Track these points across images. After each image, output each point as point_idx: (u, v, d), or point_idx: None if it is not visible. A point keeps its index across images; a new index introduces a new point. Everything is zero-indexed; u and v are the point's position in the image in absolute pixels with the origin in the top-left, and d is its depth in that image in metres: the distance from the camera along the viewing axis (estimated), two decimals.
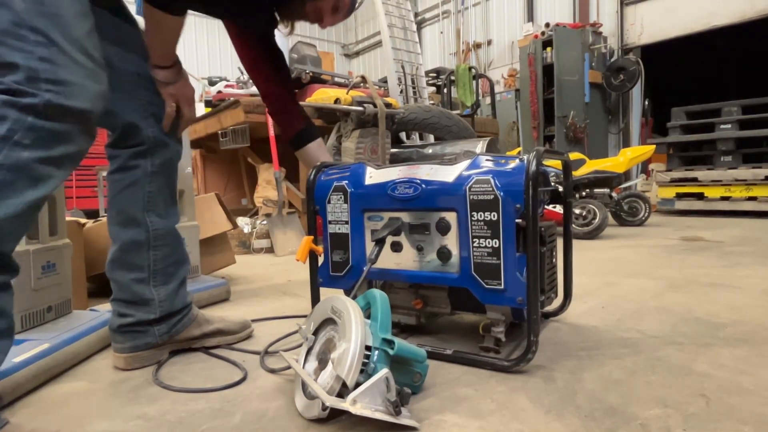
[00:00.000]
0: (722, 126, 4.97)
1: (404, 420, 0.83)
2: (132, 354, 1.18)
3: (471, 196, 1.08)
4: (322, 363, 0.93)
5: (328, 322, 0.99)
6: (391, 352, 0.89)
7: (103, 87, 0.89)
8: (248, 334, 1.39)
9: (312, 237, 1.27)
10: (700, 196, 5.03)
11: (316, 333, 1.02)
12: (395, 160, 2.83)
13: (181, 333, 1.25)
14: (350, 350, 0.84)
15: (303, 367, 0.97)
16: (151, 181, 1.16)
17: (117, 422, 0.92)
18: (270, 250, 3.32)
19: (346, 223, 1.27)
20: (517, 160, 1.07)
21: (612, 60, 6.94)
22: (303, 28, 11.00)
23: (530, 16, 8.02)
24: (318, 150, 1.46)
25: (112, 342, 1.20)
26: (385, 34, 4.27)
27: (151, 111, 1.16)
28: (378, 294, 1.01)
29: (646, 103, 6.77)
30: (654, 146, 4.35)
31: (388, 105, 2.70)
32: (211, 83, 5.05)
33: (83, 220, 2.08)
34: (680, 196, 5.21)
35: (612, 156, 6.10)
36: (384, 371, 0.84)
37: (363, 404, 0.82)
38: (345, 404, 0.81)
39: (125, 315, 1.17)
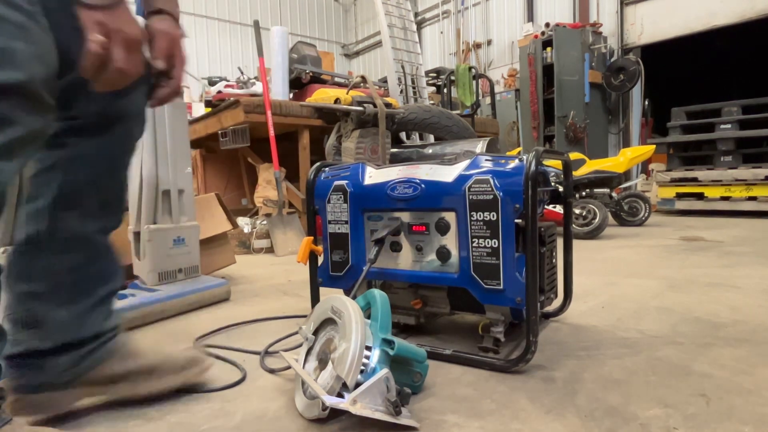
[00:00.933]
0: (722, 126, 4.97)
1: (404, 420, 0.83)
2: (20, 396, 0.86)
3: (470, 196, 1.08)
4: (323, 363, 0.93)
5: (328, 322, 0.99)
6: (391, 352, 0.89)
7: (41, 44, 0.67)
8: (195, 375, 1.00)
9: (312, 237, 1.27)
10: (700, 196, 5.03)
11: (316, 333, 1.01)
12: (395, 160, 2.83)
13: (96, 369, 0.92)
14: (350, 350, 0.84)
15: (303, 367, 0.97)
16: (79, 168, 0.88)
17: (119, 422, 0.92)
18: (270, 250, 3.32)
19: (346, 223, 1.27)
20: (517, 160, 1.07)
21: (612, 60, 6.93)
22: (303, 28, 11.02)
23: (530, 16, 8.02)
24: None
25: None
26: (385, 34, 4.27)
27: None
28: (378, 294, 1.00)
29: (646, 103, 6.77)
30: (654, 146, 4.35)
31: (388, 105, 2.70)
32: (211, 83, 5.05)
33: None
34: (680, 196, 5.21)
35: (612, 156, 6.10)
36: (384, 371, 0.84)
37: (363, 404, 0.82)
38: (345, 404, 0.81)
39: (17, 342, 0.87)
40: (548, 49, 6.76)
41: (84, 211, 0.90)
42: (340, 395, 0.84)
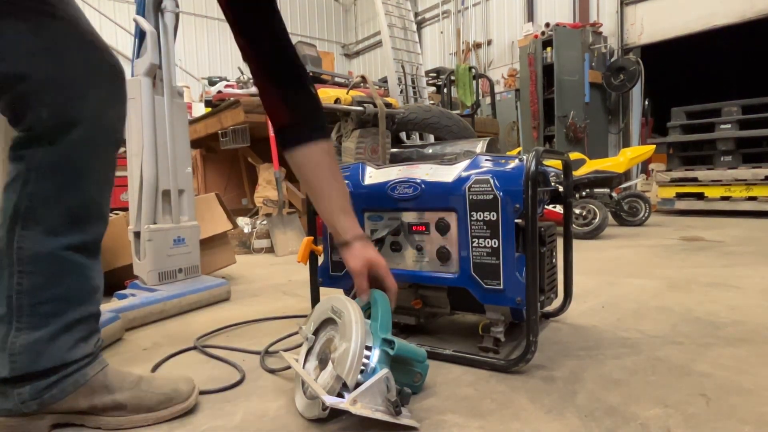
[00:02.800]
0: (722, 126, 4.97)
1: (404, 420, 0.83)
2: None
3: (470, 196, 1.08)
4: (323, 363, 0.92)
5: (329, 322, 0.98)
6: (391, 352, 0.89)
7: None
8: (172, 414, 0.92)
9: (312, 237, 1.27)
10: (700, 196, 5.03)
11: (316, 333, 1.01)
12: (395, 160, 2.83)
13: (61, 402, 0.85)
14: (350, 350, 0.84)
15: (303, 367, 0.97)
16: (37, 181, 0.81)
17: None
18: (270, 250, 3.33)
19: None
20: (517, 160, 1.07)
21: (612, 60, 6.94)
22: (303, 27, 11.02)
23: (530, 16, 8.02)
24: (313, 159, 1.06)
25: None
26: (385, 34, 4.27)
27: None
28: (378, 294, 1.00)
29: (646, 103, 6.77)
30: (654, 146, 4.35)
31: (388, 105, 2.70)
32: (211, 83, 5.05)
33: None
34: (680, 196, 5.21)
35: (612, 156, 6.10)
36: (384, 371, 0.84)
37: (363, 404, 0.81)
38: (345, 404, 0.80)
39: None
40: (548, 49, 6.76)
41: (47, 228, 0.83)
42: (340, 395, 0.83)
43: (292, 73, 1.06)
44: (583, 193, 3.91)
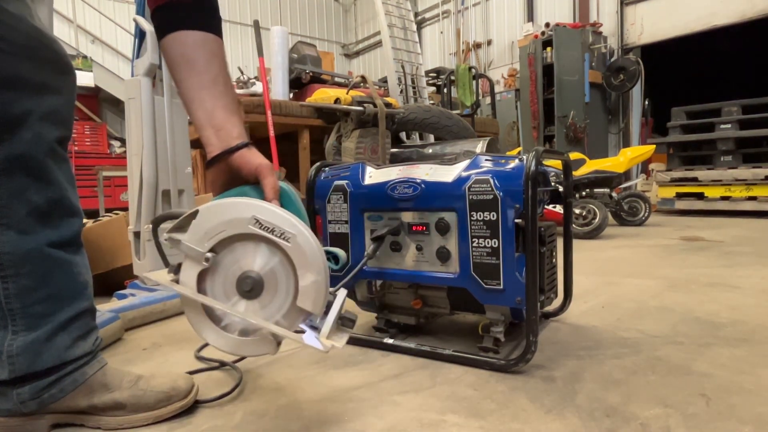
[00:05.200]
0: (722, 126, 4.97)
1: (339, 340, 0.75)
2: None
3: (470, 196, 1.08)
4: (250, 294, 0.75)
5: (243, 238, 0.75)
6: (335, 266, 0.81)
7: None
8: (171, 412, 0.91)
9: None
10: (700, 196, 5.03)
11: (215, 251, 0.76)
12: (395, 160, 2.83)
13: (60, 401, 0.86)
14: (321, 283, 0.73)
15: (201, 293, 0.78)
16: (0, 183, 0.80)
17: None
18: None
19: (346, 222, 1.27)
20: (517, 160, 1.07)
21: (612, 60, 6.94)
22: (303, 27, 11.02)
23: (530, 16, 8.02)
24: (208, 47, 0.86)
25: None
26: (385, 34, 4.27)
27: None
28: (287, 188, 0.83)
29: (646, 103, 6.77)
30: (654, 146, 4.36)
31: (388, 105, 2.70)
32: None
33: (83, 220, 2.08)
34: (680, 195, 5.21)
35: (612, 156, 6.10)
36: (342, 294, 0.77)
37: (336, 338, 0.75)
38: (337, 344, 0.73)
39: None
40: (548, 49, 6.76)
41: (20, 229, 0.81)
42: (298, 330, 0.75)
43: None
44: (583, 193, 3.91)
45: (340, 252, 0.83)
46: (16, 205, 0.81)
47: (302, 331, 0.74)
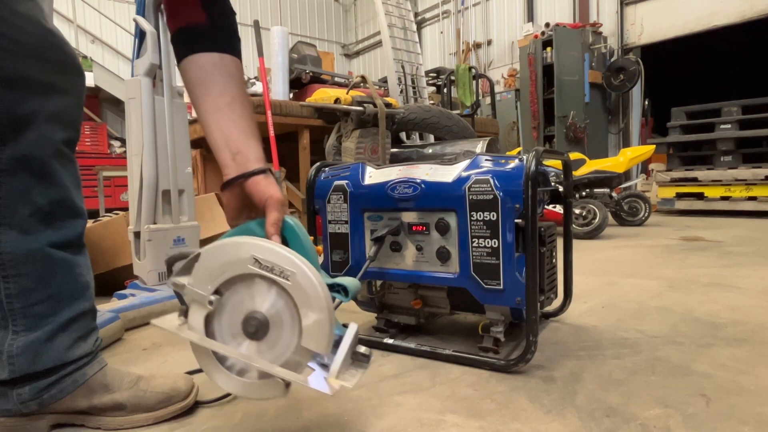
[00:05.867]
0: (722, 126, 4.97)
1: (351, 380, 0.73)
2: None
3: (470, 196, 1.08)
4: (255, 335, 0.73)
5: (244, 279, 0.74)
6: (346, 300, 0.77)
7: None
8: (171, 413, 0.91)
9: (312, 238, 1.27)
10: (700, 196, 5.03)
11: (218, 293, 0.75)
12: (395, 160, 2.83)
13: (60, 402, 0.86)
14: (326, 322, 0.70)
15: (209, 337, 0.76)
16: (2, 183, 0.80)
17: None
18: None
19: (346, 222, 1.27)
20: (517, 160, 1.07)
21: (612, 60, 6.94)
22: (303, 27, 11.02)
23: (530, 16, 8.02)
24: (227, 70, 0.87)
25: None
26: (385, 34, 4.27)
27: None
28: (294, 223, 0.80)
29: (646, 103, 6.78)
30: (654, 146, 4.35)
31: (388, 105, 2.70)
32: None
33: None
34: (680, 195, 5.21)
35: (612, 156, 6.10)
36: (353, 329, 0.73)
37: (345, 375, 0.72)
38: (345, 384, 0.70)
39: None
40: (548, 49, 6.77)
41: (22, 229, 0.81)
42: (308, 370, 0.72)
43: None
44: (583, 193, 3.91)
45: (350, 283, 0.78)
46: (19, 205, 0.81)
47: (310, 371, 0.71)
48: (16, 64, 0.78)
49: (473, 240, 1.09)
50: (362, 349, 0.75)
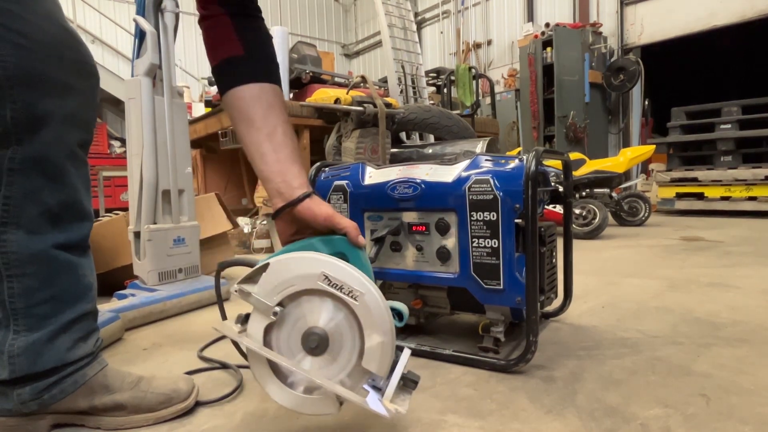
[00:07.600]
0: (722, 126, 4.97)
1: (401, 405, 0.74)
2: None
3: (470, 196, 1.08)
4: (316, 351, 0.74)
5: (311, 293, 0.75)
6: (400, 324, 0.79)
7: None
8: (172, 414, 0.91)
9: None
10: (700, 196, 5.03)
11: (282, 304, 0.76)
12: (395, 160, 2.83)
13: (60, 402, 0.86)
14: (387, 345, 0.71)
15: (265, 347, 0.77)
16: (11, 183, 0.80)
17: None
18: (270, 250, 3.32)
19: None
20: (517, 160, 1.07)
21: (612, 60, 6.94)
22: (303, 27, 11.02)
23: (530, 16, 8.03)
24: (267, 100, 0.88)
25: None
26: (385, 34, 4.27)
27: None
28: (354, 249, 0.82)
29: (646, 103, 6.78)
30: (654, 146, 4.35)
31: (388, 105, 2.70)
32: (211, 83, 5.05)
33: None
34: (680, 195, 5.21)
35: (612, 156, 6.10)
36: (407, 353, 0.76)
37: (399, 400, 0.74)
38: (401, 408, 0.71)
39: None
40: (548, 49, 6.77)
41: (30, 229, 0.82)
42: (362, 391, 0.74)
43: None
44: (583, 193, 3.91)
45: (403, 308, 0.81)
46: (28, 205, 0.81)
47: (366, 392, 0.72)
48: (35, 63, 0.78)
49: (473, 240, 1.09)
50: (411, 374, 0.76)
